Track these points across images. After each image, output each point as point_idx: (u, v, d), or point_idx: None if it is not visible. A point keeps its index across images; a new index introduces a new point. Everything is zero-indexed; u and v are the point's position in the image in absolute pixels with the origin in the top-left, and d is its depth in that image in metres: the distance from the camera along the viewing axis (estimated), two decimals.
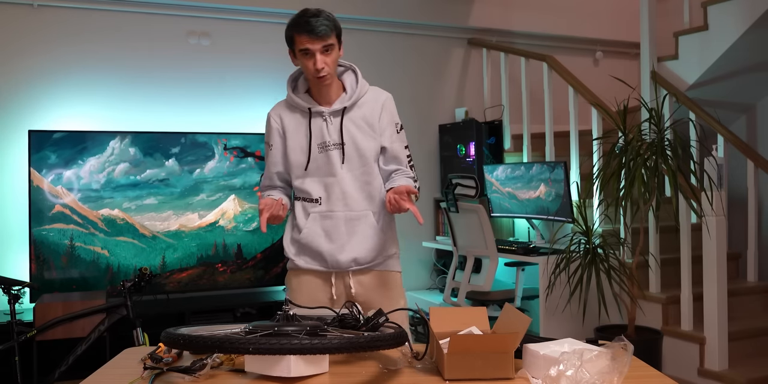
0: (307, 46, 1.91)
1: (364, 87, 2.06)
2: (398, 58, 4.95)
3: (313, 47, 1.91)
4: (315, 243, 2.03)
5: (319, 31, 1.89)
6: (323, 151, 2.01)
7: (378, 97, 2.07)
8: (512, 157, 4.80)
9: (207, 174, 4.10)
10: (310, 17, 1.91)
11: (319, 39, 1.90)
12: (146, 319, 3.22)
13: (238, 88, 4.50)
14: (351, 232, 2.02)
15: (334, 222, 2.02)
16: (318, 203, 2.03)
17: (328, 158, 2.01)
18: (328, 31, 1.91)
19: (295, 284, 2.08)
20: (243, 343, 1.32)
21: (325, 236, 2.02)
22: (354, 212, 2.02)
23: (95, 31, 4.15)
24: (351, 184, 2.02)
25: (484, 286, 3.66)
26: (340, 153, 2.01)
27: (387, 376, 1.46)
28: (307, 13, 1.94)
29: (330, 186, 2.02)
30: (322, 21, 1.91)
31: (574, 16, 5.61)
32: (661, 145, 3.29)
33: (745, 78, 4.56)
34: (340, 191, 2.01)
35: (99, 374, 1.53)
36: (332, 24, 1.93)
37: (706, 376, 3.40)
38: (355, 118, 2.03)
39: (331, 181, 2.02)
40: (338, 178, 2.01)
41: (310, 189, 2.04)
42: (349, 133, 2.01)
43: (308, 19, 1.91)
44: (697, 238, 3.49)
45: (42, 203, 3.73)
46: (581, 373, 1.30)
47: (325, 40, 1.92)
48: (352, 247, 2.02)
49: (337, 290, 2.05)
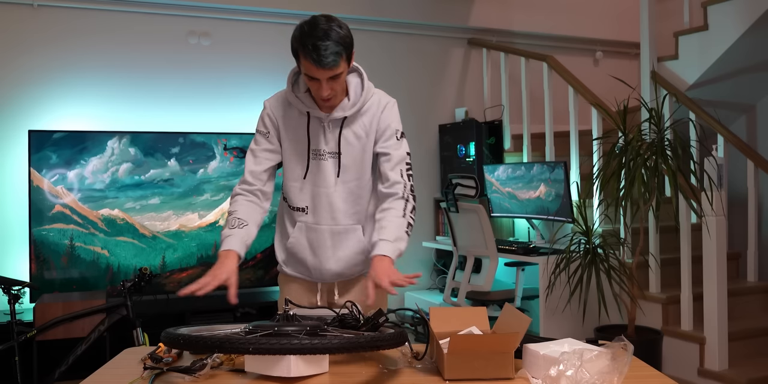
0: (312, 74, 1.75)
1: (368, 92, 1.91)
2: (398, 59, 4.95)
3: (319, 76, 1.74)
4: (300, 254, 1.98)
5: (326, 63, 1.70)
6: (316, 158, 1.90)
7: (380, 103, 1.93)
8: (512, 157, 4.80)
9: (210, 174, 4.10)
10: (319, 40, 1.69)
11: (327, 70, 1.72)
12: (146, 319, 3.22)
13: (238, 88, 4.50)
14: (336, 247, 1.94)
15: (318, 235, 1.93)
16: (304, 213, 1.94)
17: (320, 167, 1.90)
18: (336, 62, 1.72)
19: (284, 288, 2.07)
20: (243, 343, 1.32)
21: (310, 249, 1.95)
22: (341, 226, 1.93)
23: (95, 31, 4.15)
24: (341, 197, 1.91)
25: (484, 286, 3.66)
26: (336, 163, 1.90)
27: (387, 376, 1.46)
28: (315, 30, 1.71)
29: (318, 196, 1.92)
30: (332, 47, 1.70)
31: (574, 16, 5.61)
32: (661, 145, 3.29)
33: (745, 78, 4.56)
34: (328, 203, 1.91)
35: (99, 374, 1.53)
36: (342, 48, 1.72)
37: (706, 376, 3.40)
38: (354, 127, 1.90)
39: (320, 192, 1.91)
40: (329, 189, 1.91)
41: (296, 197, 1.94)
42: (347, 143, 1.90)
43: (316, 44, 1.69)
44: (697, 238, 3.49)
45: (42, 203, 3.73)
46: (581, 373, 1.30)
47: (333, 71, 1.74)
48: (337, 261, 1.95)
49: (321, 298, 2.02)
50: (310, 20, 1.75)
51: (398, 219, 1.85)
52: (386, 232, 1.81)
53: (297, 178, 1.93)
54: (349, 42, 1.77)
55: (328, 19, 1.75)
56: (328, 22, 1.74)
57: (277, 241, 2.06)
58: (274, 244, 2.08)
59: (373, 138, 1.92)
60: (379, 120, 1.91)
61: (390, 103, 1.95)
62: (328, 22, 1.74)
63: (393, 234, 1.81)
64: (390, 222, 1.84)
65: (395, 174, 1.90)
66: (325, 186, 1.91)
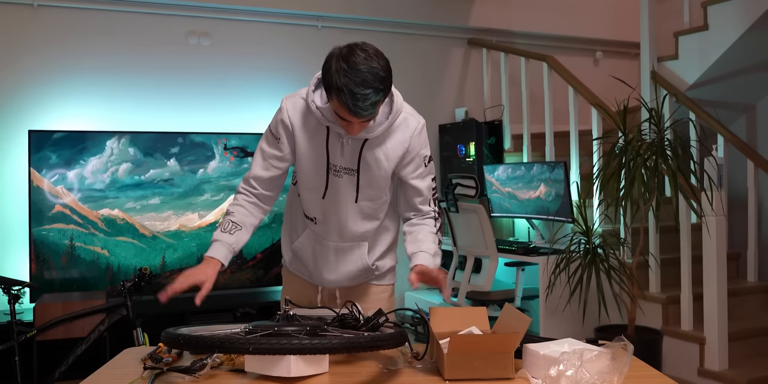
0: (344, 117, 1.63)
1: (396, 115, 1.77)
2: (398, 59, 4.93)
3: (353, 120, 1.64)
4: (304, 259, 1.96)
5: (363, 115, 1.60)
6: (333, 174, 1.80)
7: (409, 126, 1.80)
8: (512, 157, 4.79)
9: (210, 174, 4.10)
10: (358, 86, 1.54)
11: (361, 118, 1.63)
12: (146, 319, 3.22)
13: (238, 88, 4.50)
14: (339, 261, 1.91)
15: (323, 249, 1.90)
16: (314, 222, 1.88)
17: (337, 184, 1.80)
18: (373, 112, 1.61)
19: (287, 281, 2.07)
20: (243, 343, 1.32)
21: (313, 258, 1.93)
22: (347, 243, 1.89)
23: (95, 32, 4.14)
24: (353, 217, 1.85)
25: (484, 286, 3.66)
26: (353, 181, 1.80)
27: (387, 376, 1.46)
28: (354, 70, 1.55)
29: (328, 212, 1.84)
30: (372, 97, 1.56)
31: (574, 16, 5.61)
32: (661, 145, 3.29)
33: (745, 78, 4.56)
34: (338, 221, 1.85)
35: (99, 374, 1.53)
36: (381, 96, 1.59)
37: (706, 376, 3.40)
38: (377, 151, 1.78)
39: (332, 209, 1.84)
40: (341, 207, 1.83)
41: (308, 207, 1.88)
42: (366, 165, 1.78)
43: (354, 92, 1.54)
44: (697, 238, 3.49)
45: (42, 203, 3.73)
46: (581, 373, 1.30)
47: (368, 118, 1.65)
48: (338, 274, 1.93)
49: (323, 298, 2.01)
50: (347, 53, 1.58)
51: (432, 235, 1.85)
52: (425, 245, 1.81)
53: (314, 191, 1.84)
54: (389, 81, 1.62)
55: (367, 56, 1.58)
56: (368, 61, 1.58)
57: (284, 237, 2.04)
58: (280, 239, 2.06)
59: (395, 162, 1.81)
60: (407, 148, 1.81)
61: (419, 126, 1.83)
62: (368, 61, 1.58)
63: (432, 248, 1.82)
64: (426, 236, 1.84)
65: (426, 207, 1.89)
66: (338, 203, 1.83)
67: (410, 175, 1.84)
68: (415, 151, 1.82)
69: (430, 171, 1.88)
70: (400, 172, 1.84)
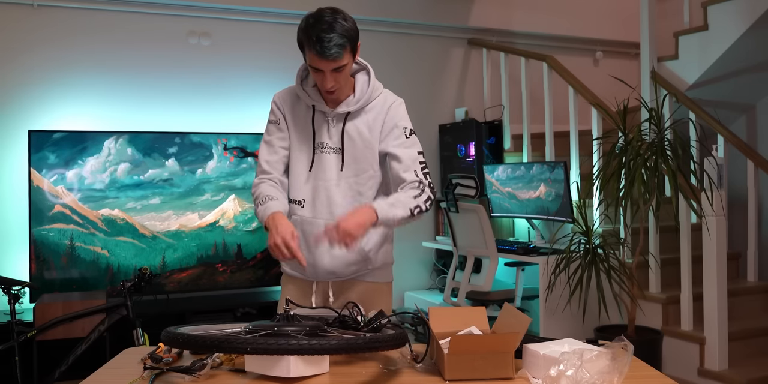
0: (316, 65, 1.76)
1: (375, 91, 1.91)
2: (398, 59, 4.95)
3: (323, 67, 1.76)
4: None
5: (329, 54, 1.72)
6: (318, 152, 1.91)
7: (386, 101, 1.92)
8: (512, 157, 4.80)
9: (210, 174, 4.10)
10: (323, 32, 1.71)
11: (330, 61, 1.74)
12: (146, 319, 3.22)
13: (238, 88, 4.50)
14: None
15: (314, 229, 1.88)
16: (301, 206, 1.92)
17: (323, 161, 1.90)
18: (340, 53, 1.73)
19: (284, 289, 2.05)
20: (242, 343, 1.32)
21: (305, 243, 1.90)
22: None
23: (95, 31, 4.15)
24: (341, 193, 1.89)
25: (484, 286, 3.66)
26: (338, 158, 1.90)
27: (387, 377, 1.46)
28: (320, 22, 1.72)
29: (317, 190, 1.90)
30: (336, 39, 1.71)
31: (574, 16, 5.61)
32: (661, 145, 3.29)
33: (745, 78, 4.56)
34: (327, 197, 1.89)
35: (99, 374, 1.53)
36: (346, 40, 1.73)
37: (706, 376, 3.40)
38: (358, 124, 1.90)
39: (320, 185, 1.90)
40: (330, 183, 1.89)
41: (296, 188, 1.92)
42: (350, 139, 1.89)
43: (320, 36, 1.71)
44: (697, 238, 3.49)
45: (42, 203, 3.73)
46: (581, 373, 1.30)
47: (337, 62, 1.75)
48: (332, 258, 1.91)
49: (317, 299, 1.99)
50: (316, 13, 1.77)
51: (407, 199, 1.82)
52: (389, 198, 1.82)
53: (301, 170, 1.92)
54: (354, 34, 1.77)
55: (334, 12, 1.76)
56: (333, 14, 1.75)
57: None
58: None
59: (377, 136, 1.90)
60: (384, 119, 1.91)
61: (396, 101, 1.94)
62: (333, 14, 1.75)
63: (393, 199, 1.81)
64: (397, 195, 1.84)
65: (410, 175, 1.87)
66: (326, 179, 1.90)
67: (391, 143, 1.90)
68: (393, 120, 1.91)
69: (413, 143, 1.92)
70: (383, 143, 1.91)
